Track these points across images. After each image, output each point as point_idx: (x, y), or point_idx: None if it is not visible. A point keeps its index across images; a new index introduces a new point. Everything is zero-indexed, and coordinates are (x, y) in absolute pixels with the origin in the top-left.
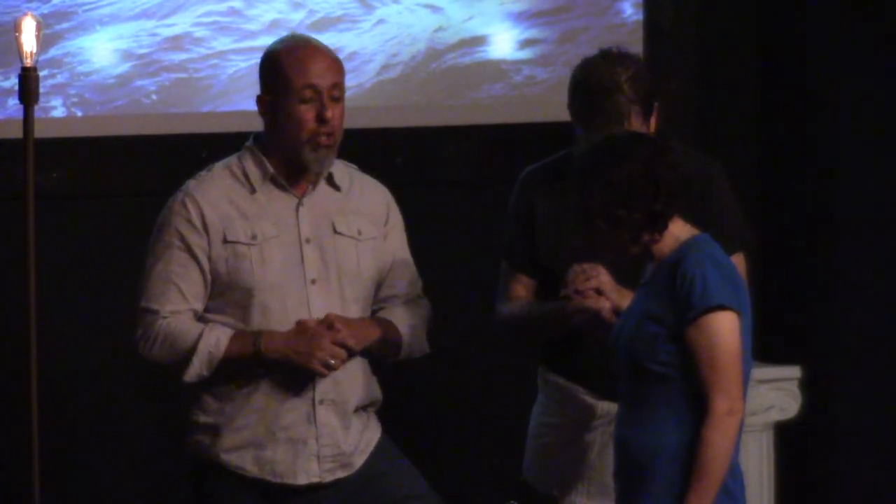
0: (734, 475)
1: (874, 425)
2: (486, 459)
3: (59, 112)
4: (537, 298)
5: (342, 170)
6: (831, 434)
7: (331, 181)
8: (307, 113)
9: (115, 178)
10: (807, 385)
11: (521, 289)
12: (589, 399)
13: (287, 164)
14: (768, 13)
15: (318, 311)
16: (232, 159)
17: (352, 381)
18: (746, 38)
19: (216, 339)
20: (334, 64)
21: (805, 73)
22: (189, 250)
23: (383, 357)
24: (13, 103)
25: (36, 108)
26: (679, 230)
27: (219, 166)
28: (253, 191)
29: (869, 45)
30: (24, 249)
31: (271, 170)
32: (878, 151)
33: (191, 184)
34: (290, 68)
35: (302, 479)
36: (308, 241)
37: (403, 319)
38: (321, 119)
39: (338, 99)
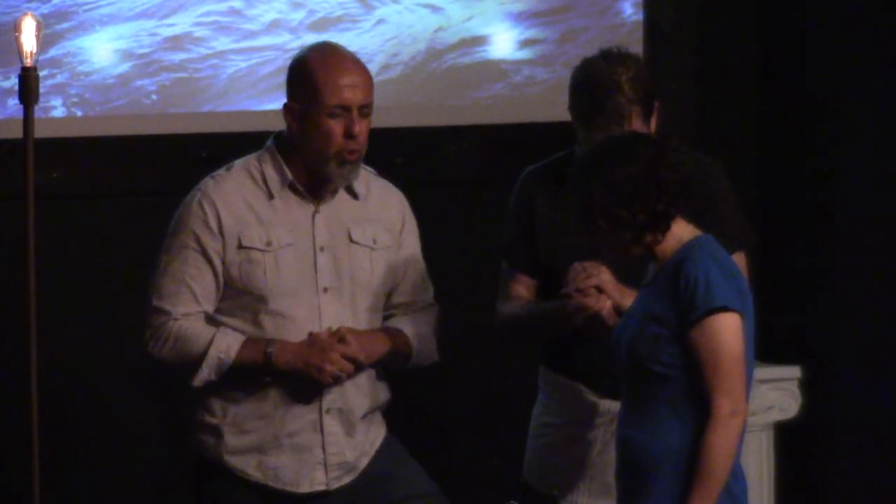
0: (736, 476)
1: (874, 425)
2: (486, 459)
3: (59, 112)
4: (538, 298)
5: (360, 175)
6: (831, 434)
7: (349, 189)
8: (336, 127)
9: (115, 178)
10: (807, 385)
11: (522, 288)
12: (590, 398)
13: (309, 173)
14: (768, 13)
15: (329, 319)
16: (251, 160)
17: (358, 390)
18: (746, 38)
19: (227, 346)
20: (366, 81)
21: (805, 73)
22: (204, 252)
23: (392, 366)
24: (13, 103)
25: (36, 108)
26: (682, 231)
27: (238, 166)
28: (271, 196)
29: (869, 44)
30: (24, 249)
31: (290, 176)
32: (878, 151)
33: (209, 184)
34: (322, 84)
35: (305, 488)
36: (322, 249)
37: (413, 329)
38: (349, 135)
39: (366, 114)
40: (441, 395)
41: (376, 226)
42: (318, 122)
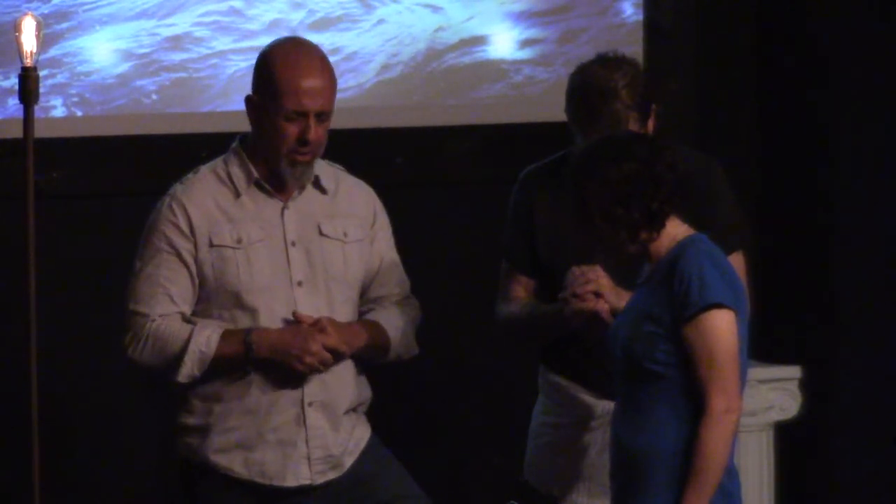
0: (730, 474)
1: (874, 425)
2: (486, 459)
3: (59, 112)
4: (537, 298)
5: (328, 171)
6: (831, 434)
7: (317, 184)
8: (290, 130)
9: (115, 178)
10: (807, 385)
11: (521, 289)
12: (589, 398)
13: (271, 170)
14: (768, 13)
15: (305, 312)
16: (217, 162)
17: (341, 383)
18: (746, 38)
19: (206, 338)
20: (327, 87)
21: (805, 73)
22: (177, 254)
23: (371, 359)
24: (13, 103)
25: (36, 108)
26: (676, 229)
27: (204, 169)
28: (238, 195)
29: (870, 46)
30: (24, 249)
31: (255, 174)
32: (878, 152)
33: (178, 188)
34: (282, 85)
35: (291, 482)
36: (294, 243)
37: (391, 321)
38: (302, 140)
39: (324, 120)
40: (441, 396)
41: (346, 220)
42: (275, 121)
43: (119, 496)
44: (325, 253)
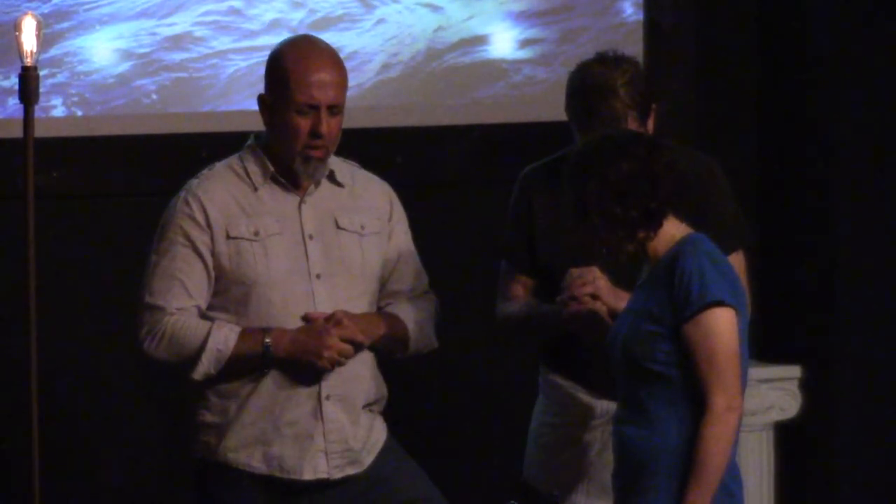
0: (732, 473)
1: (874, 425)
2: (486, 459)
3: (59, 112)
4: (536, 298)
5: (343, 167)
6: (831, 434)
7: (332, 178)
8: (302, 124)
9: (115, 178)
10: (807, 385)
11: (520, 288)
12: (589, 399)
13: (285, 166)
14: (768, 13)
15: (322, 305)
16: (233, 158)
17: (359, 377)
18: (746, 38)
19: (224, 337)
20: (338, 80)
21: (805, 73)
22: (193, 247)
23: (391, 352)
24: (13, 103)
25: (36, 107)
26: (674, 229)
27: (220, 165)
28: (255, 189)
29: (869, 45)
30: (24, 249)
31: (272, 169)
32: (878, 151)
33: (193, 182)
34: (292, 80)
35: (308, 475)
36: (311, 237)
37: (410, 314)
38: (315, 133)
39: (336, 113)
40: (441, 395)
41: (363, 213)
42: (286, 117)
43: (120, 496)
44: (343, 246)
